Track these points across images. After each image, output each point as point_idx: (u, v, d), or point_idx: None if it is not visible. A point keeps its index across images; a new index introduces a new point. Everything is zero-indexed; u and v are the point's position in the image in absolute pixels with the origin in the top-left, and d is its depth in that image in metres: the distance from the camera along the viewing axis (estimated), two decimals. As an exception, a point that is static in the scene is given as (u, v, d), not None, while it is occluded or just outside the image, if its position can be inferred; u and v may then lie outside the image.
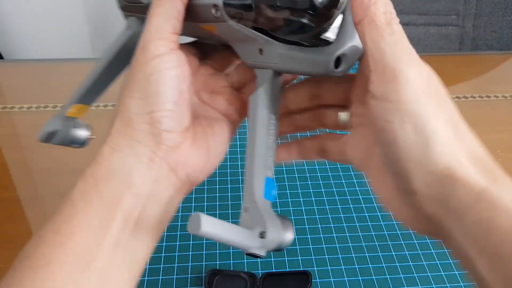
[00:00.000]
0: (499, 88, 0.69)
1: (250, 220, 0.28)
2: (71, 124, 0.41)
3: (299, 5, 0.27)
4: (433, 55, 0.81)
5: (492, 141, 0.59)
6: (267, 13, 0.28)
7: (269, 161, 0.30)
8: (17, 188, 0.51)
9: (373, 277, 0.41)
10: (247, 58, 0.33)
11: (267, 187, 0.29)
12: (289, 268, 0.42)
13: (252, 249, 0.27)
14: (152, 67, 0.28)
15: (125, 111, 0.29)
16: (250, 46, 0.32)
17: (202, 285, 0.40)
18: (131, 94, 0.28)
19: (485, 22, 0.93)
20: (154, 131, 0.28)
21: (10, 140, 0.58)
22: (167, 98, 0.28)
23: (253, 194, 0.29)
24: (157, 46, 0.28)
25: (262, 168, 0.30)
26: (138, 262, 0.29)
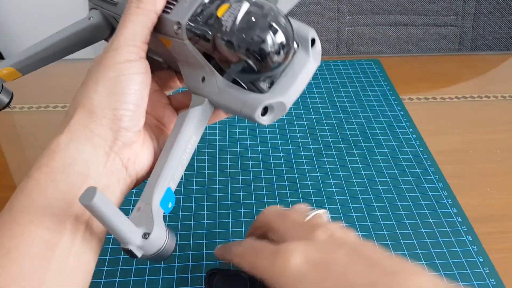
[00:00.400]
0: (499, 88, 0.69)
1: (139, 220, 0.29)
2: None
3: (251, 48, 0.29)
4: (432, 55, 0.81)
5: (492, 141, 0.60)
6: (221, 48, 0.30)
7: (177, 175, 0.32)
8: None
9: (373, 277, 0.41)
10: (189, 82, 0.35)
11: (166, 197, 0.31)
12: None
13: (130, 245, 0.28)
14: (122, 69, 0.30)
15: (89, 104, 0.30)
16: (195, 71, 0.34)
17: (202, 285, 0.40)
18: (98, 89, 0.30)
19: (484, 22, 0.93)
20: (113, 127, 0.30)
21: (10, 140, 0.58)
22: (131, 99, 0.30)
23: (151, 198, 0.30)
24: (129, 52, 0.30)
25: (169, 178, 0.31)
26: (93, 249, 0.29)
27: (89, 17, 0.40)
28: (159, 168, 0.31)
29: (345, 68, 0.72)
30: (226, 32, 0.30)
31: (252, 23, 0.29)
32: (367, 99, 0.65)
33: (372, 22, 0.92)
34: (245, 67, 0.30)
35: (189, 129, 0.33)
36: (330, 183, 0.51)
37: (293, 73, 0.33)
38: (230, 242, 0.37)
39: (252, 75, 0.31)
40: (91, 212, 0.25)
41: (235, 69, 0.31)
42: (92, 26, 0.39)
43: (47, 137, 0.61)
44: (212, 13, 0.32)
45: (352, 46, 0.93)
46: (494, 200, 0.50)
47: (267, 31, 0.29)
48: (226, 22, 0.30)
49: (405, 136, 0.58)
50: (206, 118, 0.34)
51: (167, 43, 0.34)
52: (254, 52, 0.30)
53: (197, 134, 0.34)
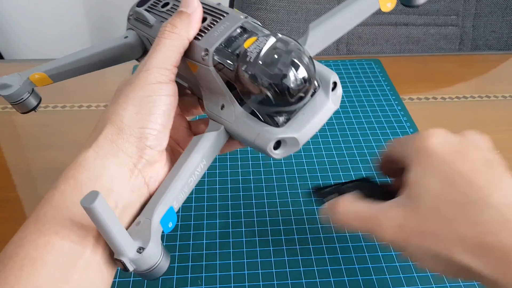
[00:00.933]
0: (499, 88, 0.69)
1: (137, 233, 0.29)
2: (29, 89, 0.42)
3: (272, 81, 0.30)
4: (433, 55, 0.81)
5: (492, 141, 0.59)
6: (243, 78, 0.31)
7: (181, 196, 0.32)
8: (17, 188, 0.51)
9: (373, 277, 0.41)
10: (209, 108, 0.36)
11: (167, 216, 0.31)
12: (289, 269, 0.42)
13: (123, 257, 0.28)
14: (153, 90, 0.31)
15: (118, 121, 0.31)
16: (215, 98, 0.35)
17: (202, 285, 0.40)
18: (127, 107, 0.31)
19: (485, 22, 0.93)
20: (139, 144, 0.31)
21: (10, 140, 0.58)
22: (158, 119, 0.31)
23: (152, 214, 0.30)
24: (160, 74, 0.32)
25: (172, 197, 0.31)
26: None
27: (125, 36, 0.42)
28: (165, 185, 0.32)
29: (345, 68, 0.72)
30: (249, 62, 0.31)
31: (276, 57, 0.30)
32: (367, 99, 0.65)
33: (372, 22, 0.92)
34: (264, 99, 0.31)
35: (200, 152, 0.33)
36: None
37: (311, 112, 0.33)
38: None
39: (270, 108, 0.32)
40: (90, 216, 0.25)
41: (254, 100, 0.32)
42: (126, 44, 0.41)
43: (47, 137, 0.62)
44: (239, 44, 0.33)
45: (352, 45, 0.93)
46: (494, 200, 0.50)
47: (289, 67, 0.30)
48: (251, 54, 0.31)
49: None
50: (219, 145, 0.35)
51: (194, 68, 0.35)
52: (274, 86, 0.30)
53: (208, 159, 0.34)
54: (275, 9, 0.88)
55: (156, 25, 0.38)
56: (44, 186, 0.51)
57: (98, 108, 0.63)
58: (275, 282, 0.41)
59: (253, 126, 0.33)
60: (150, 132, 0.31)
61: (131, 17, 0.42)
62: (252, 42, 0.32)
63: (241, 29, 0.34)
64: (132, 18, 0.41)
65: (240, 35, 0.34)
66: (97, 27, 1.42)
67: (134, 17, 0.41)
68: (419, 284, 0.41)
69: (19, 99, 0.42)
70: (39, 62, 0.72)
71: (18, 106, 0.43)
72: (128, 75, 0.37)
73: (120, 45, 0.42)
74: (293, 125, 0.33)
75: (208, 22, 0.35)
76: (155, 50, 0.33)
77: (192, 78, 0.36)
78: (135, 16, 0.41)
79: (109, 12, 1.40)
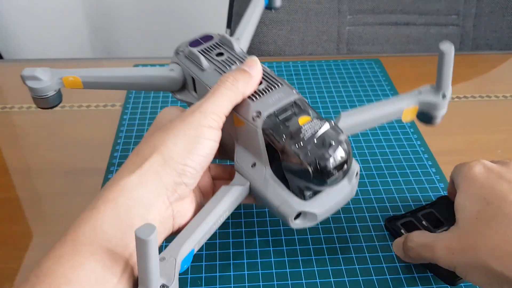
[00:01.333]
0: (499, 88, 0.69)
1: (162, 269, 0.31)
2: (56, 88, 0.42)
3: (318, 162, 0.33)
4: (433, 55, 0.81)
5: (492, 141, 0.59)
6: (290, 150, 0.34)
7: (203, 240, 0.35)
8: (17, 188, 0.51)
9: (373, 278, 0.41)
10: (239, 162, 0.38)
11: (187, 257, 0.33)
12: (289, 269, 0.42)
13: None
14: (203, 133, 0.34)
15: (166, 152, 0.33)
16: (249, 156, 0.38)
17: (202, 285, 0.40)
18: (177, 143, 0.33)
19: (485, 22, 0.93)
20: (177, 180, 0.33)
21: (10, 140, 0.58)
22: (200, 160, 0.34)
23: (177, 254, 0.32)
24: (213, 120, 0.34)
25: (196, 241, 0.34)
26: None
27: (171, 68, 0.44)
28: (192, 228, 0.34)
29: (346, 68, 0.72)
30: (303, 139, 0.34)
31: (328, 143, 0.34)
32: (367, 98, 0.65)
33: (373, 22, 0.92)
34: (303, 175, 0.34)
35: (226, 204, 0.36)
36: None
37: (334, 194, 0.37)
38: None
39: (305, 183, 0.35)
40: (140, 246, 0.27)
41: (293, 171, 0.35)
42: (170, 77, 0.43)
43: (46, 137, 0.61)
44: (291, 118, 0.36)
45: (353, 45, 0.93)
46: (495, 200, 0.50)
47: (337, 155, 0.34)
48: (305, 132, 0.34)
49: (406, 136, 0.58)
50: (242, 199, 0.38)
51: (238, 122, 0.38)
52: (319, 167, 0.33)
53: (230, 210, 0.37)
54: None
55: (209, 70, 0.41)
56: (43, 186, 0.51)
57: (98, 108, 0.62)
58: (275, 283, 0.41)
59: (281, 193, 0.36)
60: (190, 171, 0.33)
61: (181, 53, 0.44)
62: (307, 121, 0.35)
63: (294, 104, 0.37)
64: (182, 54, 0.44)
65: (292, 109, 0.37)
66: (96, 27, 1.42)
67: (185, 54, 0.43)
68: (419, 285, 0.41)
69: (44, 94, 0.42)
70: (39, 62, 0.72)
71: (39, 101, 0.43)
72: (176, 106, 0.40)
73: (164, 76, 0.43)
74: (316, 202, 0.36)
75: (263, 86, 0.38)
76: (214, 96, 0.35)
77: (231, 129, 0.39)
78: (187, 54, 0.43)
79: (109, 12, 1.40)
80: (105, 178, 0.51)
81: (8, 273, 0.42)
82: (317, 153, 0.33)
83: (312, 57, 0.77)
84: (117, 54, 1.48)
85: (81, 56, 1.44)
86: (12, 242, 0.45)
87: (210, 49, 0.43)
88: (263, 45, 0.89)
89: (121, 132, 0.58)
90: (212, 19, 1.37)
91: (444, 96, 0.44)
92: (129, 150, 0.55)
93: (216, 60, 0.41)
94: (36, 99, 0.43)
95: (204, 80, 0.40)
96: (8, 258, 0.43)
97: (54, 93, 0.42)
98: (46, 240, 0.46)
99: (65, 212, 0.48)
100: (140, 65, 0.71)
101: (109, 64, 0.78)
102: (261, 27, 0.88)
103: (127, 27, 1.43)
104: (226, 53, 0.42)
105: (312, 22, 0.90)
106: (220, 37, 0.44)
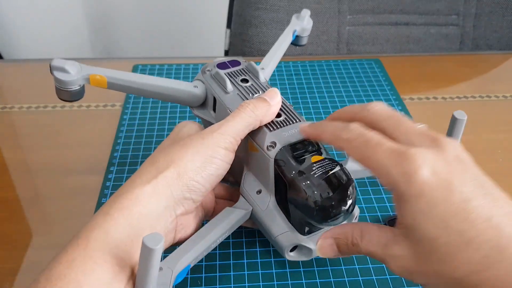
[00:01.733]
0: (499, 88, 0.69)
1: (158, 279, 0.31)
2: (81, 83, 0.43)
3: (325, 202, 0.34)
4: (433, 55, 0.81)
5: (492, 141, 0.59)
6: (300, 185, 0.35)
7: (200, 257, 0.36)
8: (16, 188, 0.51)
9: (373, 277, 0.41)
10: (245, 187, 0.40)
11: (183, 271, 0.34)
12: (289, 269, 0.42)
13: None
14: (219, 153, 0.35)
15: (182, 168, 0.34)
16: (256, 182, 0.40)
17: (202, 285, 0.40)
18: (194, 160, 0.34)
19: (485, 22, 0.93)
20: (186, 195, 0.34)
21: (10, 140, 0.58)
22: (211, 179, 0.35)
23: (174, 266, 0.33)
24: (230, 142, 0.36)
25: (193, 257, 0.35)
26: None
27: (195, 85, 0.45)
28: (191, 244, 0.35)
29: (346, 68, 0.72)
30: (313, 176, 0.35)
31: (337, 185, 0.34)
32: (367, 99, 0.65)
33: (373, 22, 0.92)
34: (307, 210, 0.35)
35: (227, 226, 0.37)
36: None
37: None
38: (321, 121, 0.37)
39: (307, 218, 0.36)
40: (146, 255, 0.27)
41: (297, 205, 0.36)
42: (193, 93, 0.45)
43: (46, 137, 0.61)
44: (304, 154, 0.37)
45: (353, 45, 0.93)
46: (495, 200, 0.50)
47: (344, 198, 0.34)
48: (317, 170, 0.35)
49: (406, 136, 0.58)
50: (242, 221, 0.39)
51: (253, 149, 0.39)
52: (326, 206, 0.34)
53: (230, 231, 0.38)
54: (275, 9, 0.87)
55: (232, 94, 0.43)
56: (43, 186, 0.51)
57: (98, 108, 0.62)
58: (275, 283, 0.41)
59: (281, 224, 0.38)
60: (200, 188, 0.35)
61: (208, 72, 0.45)
62: (319, 160, 0.36)
63: (309, 141, 0.38)
64: (208, 73, 0.45)
65: (306, 145, 0.38)
66: (96, 27, 1.42)
67: (212, 74, 0.45)
68: (419, 284, 0.41)
69: (69, 87, 0.43)
70: (39, 62, 0.72)
71: (62, 92, 0.43)
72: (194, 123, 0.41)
73: (187, 90, 0.45)
74: (314, 238, 0.37)
75: (281, 119, 0.40)
76: (234, 119, 0.37)
77: (243, 153, 0.40)
78: (213, 74, 0.45)
79: (109, 12, 1.40)
80: (105, 178, 0.51)
81: (8, 273, 0.42)
82: (324, 192, 0.34)
83: (312, 57, 0.77)
84: (117, 54, 1.48)
85: (81, 56, 1.44)
86: (12, 242, 0.45)
87: (236, 74, 0.45)
88: (263, 45, 0.89)
89: (121, 132, 0.58)
90: (212, 19, 1.37)
91: None
92: (129, 150, 0.55)
93: (240, 86, 0.43)
94: (60, 90, 0.43)
95: (226, 102, 0.42)
96: (8, 258, 0.43)
97: (78, 87, 0.43)
98: (46, 240, 0.46)
99: (65, 212, 0.48)
100: (140, 65, 0.71)
101: (109, 64, 0.78)
102: (261, 27, 0.88)
103: (127, 27, 1.43)
104: (250, 80, 0.44)
105: (312, 22, 0.90)
106: (247, 64, 0.46)
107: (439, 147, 0.30)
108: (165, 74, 0.70)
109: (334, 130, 0.34)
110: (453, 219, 0.27)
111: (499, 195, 0.29)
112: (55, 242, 0.44)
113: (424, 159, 0.29)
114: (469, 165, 0.31)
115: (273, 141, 0.38)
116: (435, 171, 0.29)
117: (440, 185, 0.28)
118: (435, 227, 0.28)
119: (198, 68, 0.71)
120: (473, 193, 0.28)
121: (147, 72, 0.70)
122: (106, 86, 0.44)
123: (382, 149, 0.30)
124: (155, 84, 0.45)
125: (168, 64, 0.72)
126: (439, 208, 0.28)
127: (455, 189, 0.28)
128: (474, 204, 0.28)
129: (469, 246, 0.27)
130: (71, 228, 0.46)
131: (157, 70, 0.70)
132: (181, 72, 0.70)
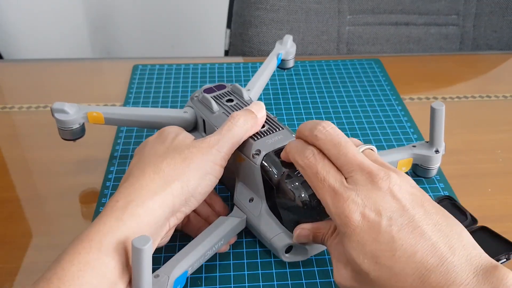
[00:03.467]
0: (499, 88, 0.69)
1: (154, 285, 0.34)
2: (80, 122, 0.48)
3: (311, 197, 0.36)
4: (433, 55, 0.81)
5: (492, 141, 0.59)
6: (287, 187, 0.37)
7: (196, 265, 0.38)
8: (16, 188, 0.51)
9: (373, 278, 0.41)
10: (238, 196, 0.42)
11: (180, 278, 0.36)
12: (289, 269, 0.42)
13: None
14: (214, 170, 0.38)
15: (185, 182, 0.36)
16: (247, 191, 0.42)
17: (202, 285, 0.40)
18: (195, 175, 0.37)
19: (485, 22, 0.93)
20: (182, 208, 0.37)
21: (10, 140, 0.58)
22: (203, 195, 0.38)
23: (170, 272, 0.35)
24: (220, 159, 0.38)
25: (189, 264, 0.37)
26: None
27: (185, 111, 0.49)
28: (187, 251, 0.37)
29: (346, 68, 0.72)
30: (298, 177, 0.37)
31: None
32: (367, 99, 0.65)
33: (373, 22, 0.92)
34: (295, 209, 0.37)
35: (222, 234, 0.39)
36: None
37: None
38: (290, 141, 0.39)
39: (297, 216, 0.38)
40: (136, 256, 0.29)
41: (286, 206, 0.38)
42: (183, 118, 0.48)
43: (46, 137, 0.61)
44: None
45: (353, 45, 0.93)
46: (495, 200, 0.50)
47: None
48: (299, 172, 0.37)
49: (406, 136, 0.58)
50: (239, 230, 0.42)
51: (240, 159, 0.41)
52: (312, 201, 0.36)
53: (226, 239, 0.40)
54: (275, 9, 0.87)
55: (218, 113, 0.45)
56: (43, 186, 0.51)
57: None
58: (275, 283, 0.41)
59: (274, 227, 0.40)
60: (194, 202, 0.37)
61: (196, 98, 0.48)
62: None
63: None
64: (196, 99, 0.48)
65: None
66: (96, 27, 1.42)
67: (199, 99, 0.48)
68: None
69: (69, 126, 0.47)
70: (39, 62, 0.72)
71: (64, 132, 0.48)
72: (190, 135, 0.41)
73: (178, 117, 0.48)
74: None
75: (265, 128, 0.42)
76: (229, 133, 0.39)
77: (232, 166, 0.42)
78: (201, 99, 0.47)
79: (109, 12, 1.40)
80: (105, 178, 0.51)
81: (8, 273, 0.42)
82: (309, 190, 0.36)
83: (312, 57, 0.77)
84: (117, 54, 1.48)
85: (81, 56, 1.44)
86: (12, 242, 0.45)
87: (222, 96, 0.47)
88: (263, 45, 0.89)
89: (121, 133, 0.58)
90: (212, 19, 1.37)
91: (437, 151, 0.48)
92: (129, 150, 0.55)
93: (226, 105, 0.46)
94: (62, 130, 0.47)
95: (213, 122, 0.45)
96: (8, 258, 0.43)
97: (78, 126, 0.47)
98: (46, 240, 0.46)
99: (65, 212, 0.48)
100: (140, 65, 0.71)
101: (109, 64, 0.78)
102: (261, 27, 0.88)
103: (127, 27, 1.43)
104: (235, 99, 0.47)
105: (312, 22, 0.90)
106: (232, 87, 0.49)
107: (373, 184, 0.32)
108: (165, 74, 0.70)
109: (293, 153, 0.37)
110: (382, 256, 0.30)
111: (427, 225, 0.31)
112: (55, 242, 0.44)
113: (355, 204, 0.32)
114: (402, 199, 0.32)
115: (258, 149, 0.40)
116: (365, 215, 0.31)
117: (370, 227, 0.31)
118: (368, 263, 0.31)
119: (198, 68, 0.71)
120: (399, 233, 0.30)
121: (147, 72, 0.70)
122: (103, 122, 0.48)
123: (325, 187, 0.34)
124: (148, 115, 0.49)
125: (168, 64, 0.72)
126: (370, 247, 0.31)
127: (383, 230, 0.31)
128: (399, 243, 0.30)
129: (397, 278, 0.30)
130: (71, 228, 0.46)
131: (157, 70, 0.70)
132: (181, 72, 0.70)
